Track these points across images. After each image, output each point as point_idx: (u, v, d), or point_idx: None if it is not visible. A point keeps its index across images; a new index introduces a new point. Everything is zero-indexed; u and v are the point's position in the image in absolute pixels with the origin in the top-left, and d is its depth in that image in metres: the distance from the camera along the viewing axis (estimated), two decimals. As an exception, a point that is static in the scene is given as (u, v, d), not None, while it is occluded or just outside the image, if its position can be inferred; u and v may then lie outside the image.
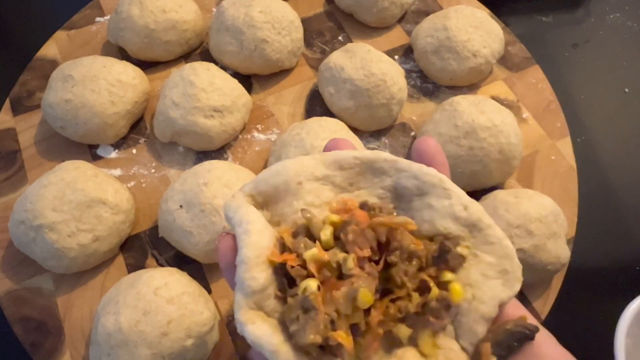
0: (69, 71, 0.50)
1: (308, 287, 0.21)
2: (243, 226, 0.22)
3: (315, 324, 0.20)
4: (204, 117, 0.49)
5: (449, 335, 0.22)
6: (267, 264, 0.21)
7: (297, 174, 0.24)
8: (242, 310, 0.21)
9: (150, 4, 0.54)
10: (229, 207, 0.23)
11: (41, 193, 0.42)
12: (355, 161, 0.24)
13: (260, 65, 0.55)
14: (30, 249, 0.43)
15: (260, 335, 0.20)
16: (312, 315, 0.20)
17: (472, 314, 0.22)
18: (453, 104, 0.49)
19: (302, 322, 0.20)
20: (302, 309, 0.20)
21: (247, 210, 0.22)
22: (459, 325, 0.22)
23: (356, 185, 0.25)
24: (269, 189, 0.23)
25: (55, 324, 0.43)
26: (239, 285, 0.21)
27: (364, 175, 0.25)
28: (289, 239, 0.22)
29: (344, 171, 0.24)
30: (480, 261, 0.22)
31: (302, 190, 0.24)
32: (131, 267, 0.46)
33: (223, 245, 0.23)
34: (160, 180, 0.50)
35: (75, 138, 0.50)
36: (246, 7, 0.54)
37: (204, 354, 0.39)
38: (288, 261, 0.21)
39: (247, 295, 0.21)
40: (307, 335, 0.19)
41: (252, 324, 0.20)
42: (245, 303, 0.21)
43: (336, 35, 0.61)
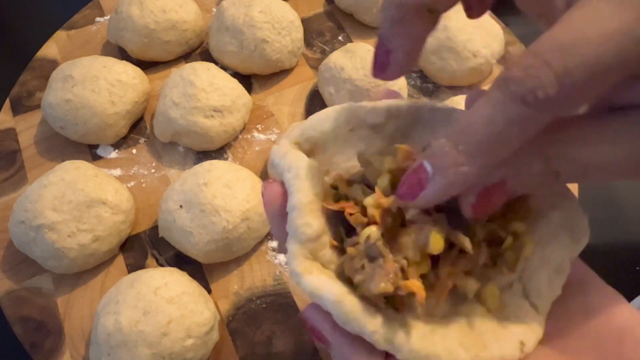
0: (69, 71, 0.50)
1: (372, 234, 0.19)
2: (293, 171, 0.20)
3: (385, 272, 0.18)
4: (204, 117, 0.49)
5: (516, 292, 0.21)
6: (320, 211, 0.20)
7: (348, 120, 0.22)
8: (297, 259, 0.19)
9: (150, 4, 0.54)
10: (275, 153, 0.21)
11: (41, 193, 0.42)
12: (410, 109, 0.23)
13: (260, 65, 0.55)
14: (30, 249, 0.43)
15: (320, 285, 0.18)
16: (379, 263, 0.18)
17: (542, 269, 0.21)
18: (453, 103, 0.49)
19: (369, 271, 0.18)
20: (368, 257, 0.19)
21: (296, 155, 0.21)
22: (528, 281, 0.21)
23: (409, 136, 0.23)
24: (318, 135, 0.22)
25: (55, 324, 0.43)
26: (292, 233, 0.19)
27: (416, 126, 0.23)
28: (344, 186, 0.21)
29: (397, 120, 0.23)
30: (546, 217, 0.21)
31: (353, 137, 0.22)
32: (131, 267, 0.46)
33: (270, 192, 0.21)
34: (160, 180, 0.50)
35: (75, 138, 0.50)
36: (246, 7, 0.54)
37: (204, 354, 0.39)
38: (346, 208, 0.20)
39: (301, 242, 0.19)
40: (377, 284, 0.18)
41: (310, 274, 0.19)
42: (301, 252, 0.19)
43: (336, 35, 0.61)
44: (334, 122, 0.22)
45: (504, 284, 0.21)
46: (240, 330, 0.43)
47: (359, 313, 0.18)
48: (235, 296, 0.44)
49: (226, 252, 0.43)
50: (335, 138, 0.22)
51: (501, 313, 0.20)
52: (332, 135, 0.22)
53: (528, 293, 0.21)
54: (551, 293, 0.20)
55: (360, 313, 0.18)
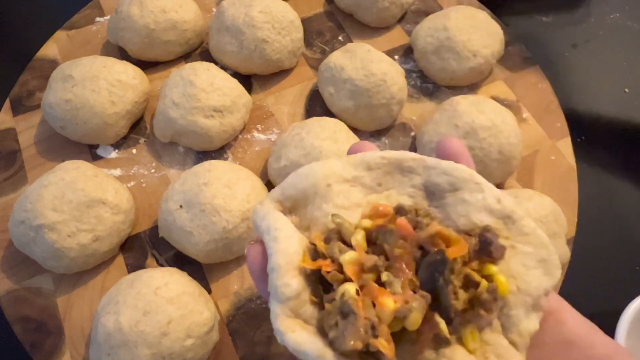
0: (69, 71, 0.50)
1: (346, 291, 0.20)
2: (271, 233, 0.22)
3: (355, 329, 0.19)
4: (204, 117, 0.49)
5: (496, 330, 0.22)
6: (298, 270, 0.21)
7: (325, 176, 0.23)
8: (279, 319, 0.20)
9: (150, 4, 0.54)
10: (256, 214, 0.23)
11: (41, 193, 0.42)
12: (383, 161, 0.24)
13: (260, 65, 0.55)
14: (30, 249, 0.43)
15: (302, 342, 0.19)
16: (351, 321, 0.19)
17: (519, 306, 0.21)
18: (453, 104, 0.49)
19: (341, 328, 0.19)
20: (341, 314, 0.20)
21: (274, 216, 0.22)
22: (506, 319, 0.22)
23: (385, 185, 0.24)
24: (297, 193, 0.23)
25: (55, 324, 0.43)
26: (273, 294, 0.21)
27: (392, 175, 0.24)
28: (321, 244, 0.22)
29: (372, 171, 0.24)
30: (518, 252, 0.22)
31: (331, 192, 0.24)
32: (131, 267, 0.46)
33: (252, 254, 0.23)
34: (160, 180, 0.50)
35: (75, 138, 0.50)
36: (246, 7, 0.54)
37: (204, 354, 0.39)
38: (323, 267, 0.21)
39: (282, 302, 0.20)
40: (347, 342, 0.19)
41: (292, 332, 0.20)
42: (282, 311, 0.20)
43: (336, 35, 0.61)
44: (311, 179, 0.23)
45: (484, 324, 0.22)
46: (240, 330, 0.43)
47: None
48: (235, 296, 0.44)
49: (226, 252, 0.43)
50: (314, 195, 0.23)
51: (483, 353, 0.21)
52: (310, 192, 0.23)
53: (507, 330, 0.22)
54: (529, 328, 0.21)
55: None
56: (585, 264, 0.48)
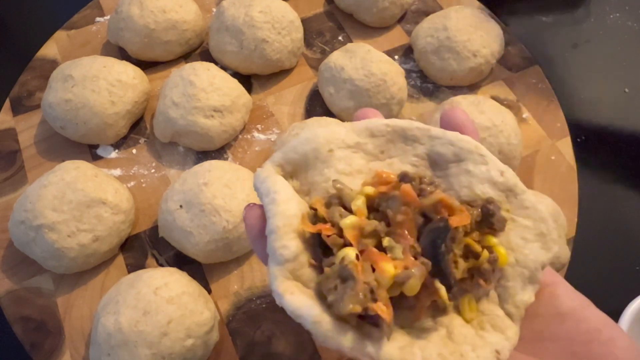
0: (69, 71, 0.50)
1: (346, 255, 0.20)
2: (270, 195, 0.22)
3: (354, 293, 0.19)
4: (204, 117, 0.49)
5: (493, 301, 0.22)
6: (297, 233, 0.21)
7: (327, 142, 0.23)
8: (277, 280, 0.20)
9: (150, 4, 0.54)
10: (257, 177, 0.23)
11: (41, 193, 0.42)
12: (387, 128, 0.24)
13: (260, 65, 0.55)
14: (30, 249, 0.43)
15: (300, 305, 0.19)
16: (350, 285, 0.19)
17: (517, 278, 0.22)
18: (453, 103, 0.49)
19: (340, 292, 0.19)
20: (340, 279, 0.20)
21: (274, 179, 0.22)
22: (503, 290, 0.22)
23: (387, 153, 0.24)
24: (299, 157, 0.23)
25: (55, 324, 0.43)
26: (272, 256, 0.21)
27: (395, 143, 0.24)
28: (322, 208, 0.22)
29: (376, 138, 0.24)
30: (518, 225, 0.23)
31: (332, 158, 0.23)
32: (131, 267, 0.46)
33: (250, 215, 0.23)
34: (160, 180, 0.50)
35: (75, 138, 0.50)
36: (246, 7, 0.54)
37: (204, 354, 0.39)
38: (323, 230, 0.21)
39: (280, 264, 0.20)
40: (346, 305, 0.19)
41: (291, 294, 0.20)
42: (280, 273, 0.20)
43: (336, 35, 0.61)
44: (313, 144, 0.23)
45: (481, 294, 0.22)
46: (240, 330, 0.42)
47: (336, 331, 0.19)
48: (235, 296, 0.44)
49: (226, 252, 0.43)
50: (315, 159, 0.23)
51: (479, 322, 0.22)
52: (312, 157, 0.23)
53: (504, 301, 0.22)
54: (525, 299, 0.22)
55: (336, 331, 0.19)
56: (585, 264, 0.48)
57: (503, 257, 0.21)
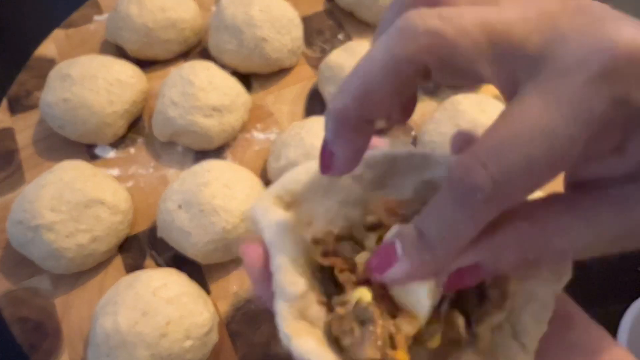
0: (67, 70, 0.50)
1: (363, 296, 0.19)
2: (273, 229, 0.21)
3: (374, 339, 0.18)
4: (203, 117, 0.48)
5: (506, 333, 0.21)
6: (304, 268, 0.20)
7: None
8: (287, 321, 0.19)
9: (149, 3, 0.54)
10: (256, 210, 0.22)
11: (39, 193, 0.42)
12: (386, 159, 0.24)
13: (259, 64, 0.55)
14: (28, 250, 0.42)
15: (310, 351, 0.18)
16: (370, 329, 0.18)
17: (528, 307, 0.21)
18: (454, 103, 0.49)
19: (358, 336, 0.18)
20: (358, 321, 0.19)
21: (275, 212, 0.21)
22: (516, 321, 0.21)
23: (387, 181, 0.24)
24: (300, 188, 0.22)
25: (54, 324, 0.42)
26: (280, 293, 0.20)
27: (393, 171, 0.24)
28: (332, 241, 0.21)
29: (374, 169, 0.24)
30: None
31: (333, 188, 0.23)
32: (130, 267, 0.45)
33: (251, 254, 0.21)
34: (159, 180, 0.50)
35: (73, 137, 0.50)
36: (245, 5, 0.54)
37: (203, 355, 0.39)
38: (336, 264, 0.20)
39: (289, 301, 0.19)
40: (366, 351, 0.18)
41: (299, 337, 0.19)
42: (290, 312, 0.19)
43: (336, 34, 0.61)
44: (313, 175, 0.22)
45: (494, 325, 0.21)
46: (239, 331, 0.42)
47: None
48: (234, 297, 0.44)
49: (225, 252, 0.43)
50: (316, 190, 0.23)
51: (493, 355, 0.21)
52: (312, 187, 0.23)
53: (516, 333, 0.21)
54: (538, 330, 0.21)
55: None
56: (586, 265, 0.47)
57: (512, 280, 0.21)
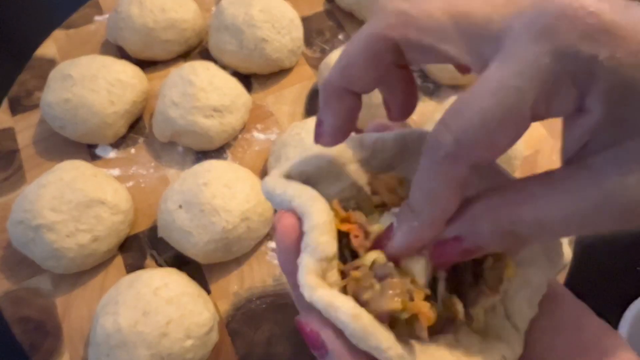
0: (67, 70, 0.50)
1: (378, 257, 0.20)
2: (306, 194, 0.20)
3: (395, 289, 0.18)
4: (204, 117, 0.48)
5: (499, 314, 0.22)
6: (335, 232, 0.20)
7: (339, 155, 0.23)
8: (310, 275, 0.19)
9: (149, 3, 0.54)
10: (274, 186, 0.21)
11: (40, 193, 0.42)
12: (396, 143, 0.24)
13: (260, 64, 0.55)
14: (29, 249, 0.42)
15: (335, 299, 0.18)
16: (389, 282, 0.19)
17: (522, 291, 0.22)
18: (453, 103, 0.49)
19: (378, 289, 0.19)
20: (377, 277, 0.19)
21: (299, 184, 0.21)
22: (509, 303, 0.22)
23: (394, 165, 0.24)
24: (311, 169, 0.22)
25: (54, 324, 0.42)
26: (311, 251, 0.19)
27: (402, 155, 0.24)
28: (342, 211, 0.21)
29: (383, 152, 0.24)
30: None
31: (343, 172, 0.23)
32: (130, 267, 0.45)
33: (285, 223, 0.21)
34: (160, 180, 0.50)
35: (74, 138, 0.50)
36: (246, 6, 0.54)
37: (203, 354, 0.39)
38: (352, 230, 0.20)
39: (319, 259, 0.19)
40: (388, 301, 0.18)
41: (323, 288, 0.19)
42: (314, 268, 0.19)
43: (336, 34, 0.61)
44: (326, 158, 0.23)
45: (488, 306, 0.22)
46: (239, 330, 0.42)
47: (376, 328, 0.18)
48: (234, 297, 0.44)
49: (226, 252, 0.43)
50: (328, 173, 0.23)
51: (485, 333, 0.21)
52: (325, 170, 0.23)
53: (510, 314, 0.22)
54: (529, 312, 0.21)
55: (377, 328, 0.18)
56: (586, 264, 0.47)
57: (510, 268, 0.21)
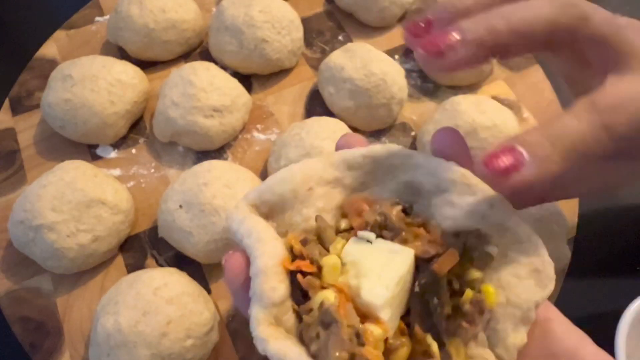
0: (68, 71, 0.50)
1: (325, 299, 0.19)
2: (254, 235, 0.20)
3: (338, 339, 0.18)
4: (204, 117, 0.49)
5: (481, 344, 0.20)
6: (284, 274, 0.20)
7: (305, 180, 0.22)
8: (262, 325, 0.18)
9: (149, 4, 0.54)
10: (232, 219, 0.21)
11: (40, 193, 0.42)
12: (365, 160, 0.22)
13: (260, 64, 0.55)
14: (29, 249, 0.42)
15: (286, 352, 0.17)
16: (333, 330, 0.18)
17: (507, 318, 0.20)
18: (453, 103, 0.49)
19: (323, 340, 0.18)
20: (322, 324, 0.18)
21: (255, 219, 0.21)
22: (493, 332, 0.20)
23: (367, 184, 0.23)
24: (275, 198, 0.21)
25: (55, 324, 0.42)
26: (257, 299, 0.19)
27: (374, 174, 0.23)
28: (298, 246, 0.21)
29: (354, 171, 0.23)
30: (510, 261, 0.21)
31: (312, 196, 0.22)
32: (131, 267, 0.46)
33: (232, 264, 0.21)
34: (160, 180, 0.50)
35: (74, 138, 0.50)
36: (246, 6, 0.54)
37: (204, 354, 0.39)
38: (302, 267, 0.20)
39: (266, 307, 0.19)
40: (332, 353, 0.17)
41: (275, 339, 0.18)
42: (265, 318, 0.19)
43: (336, 35, 0.61)
44: (290, 184, 0.22)
45: (469, 337, 0.20)
46: (240, 330, 0.42)
47: None
48: (235, 296, 0.44)
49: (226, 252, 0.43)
50: (293, 199, 0.22)
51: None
52: (289, 197, 0.22)
53: (493, 344, 0.20)
54: (516, 342, 0.20)
55: None
56: (585, 264, 0.47)
57: (491, 297, 0.20)
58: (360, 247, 0.21)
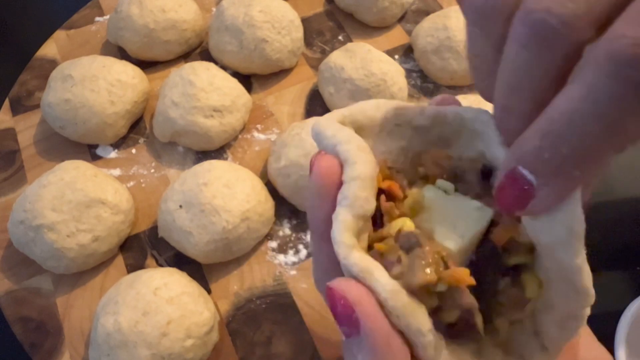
0: (68, 71, 0.50)
1: (405, 225, 0.18)
2: (355, 142, 0.18)
3: (426, 260, 0.16)
4: (204, 117, 0.49)
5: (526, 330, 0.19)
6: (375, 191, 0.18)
7: (397, 116, 0.21)
8: (347, 232, 0.17)
9: (149, 4, 0.54)
10: (326, 126, 0.20)
11: (40, 193, 0.42)
12: (456, 119, 0.22)
13: (260, 64, 0.55)
14: (29, 249, 0.42)
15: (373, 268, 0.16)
16: (418, 254, 0.17)
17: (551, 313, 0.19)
18: (453, 103, 0.49)
19: (406, 262, 0.17)
20: (403, 249, 0.17)
21: (350, 131, 0.20)
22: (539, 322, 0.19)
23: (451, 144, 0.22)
24: (365, 121, 0.21)
25: (55, 324, 0.43)
26: (349, 204, 0.17)
27: (461, 135, 0.22)
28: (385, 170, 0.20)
29: (441, 127, 0.22)
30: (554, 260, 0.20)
31: (397, 132, 0.21)
32: (131, 267, 0.46)
33: (325, 164, 0.18)
34: (160, 180, 0.50)
35: (74, 138, 0.50)
36: (246, 6, 0.54)
37: (204, 354, 0.39)
38: (393, 188, 0.19)
39: (356, 216, 0.17)
40: (419, 274, 0.16)
41: (359, 251, 0.17)
42: (352, 226, 0.17)
43: (336, 35, 0.61)
44: (383, 113, 0.21)
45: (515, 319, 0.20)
46: (240, 330, 0.42)
47: (415, 308, 0.16)
48: (235, 296, 0.44)
49: (226, 252, 0.43)
50: (380, 128, 0.21)
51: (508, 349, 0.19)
52: (378, 124, 0.21)
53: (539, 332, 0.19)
54: (564, 335, 0.19)
55: (416, 308, 0.16)
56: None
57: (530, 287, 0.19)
58: (438, 194, 0.20)
